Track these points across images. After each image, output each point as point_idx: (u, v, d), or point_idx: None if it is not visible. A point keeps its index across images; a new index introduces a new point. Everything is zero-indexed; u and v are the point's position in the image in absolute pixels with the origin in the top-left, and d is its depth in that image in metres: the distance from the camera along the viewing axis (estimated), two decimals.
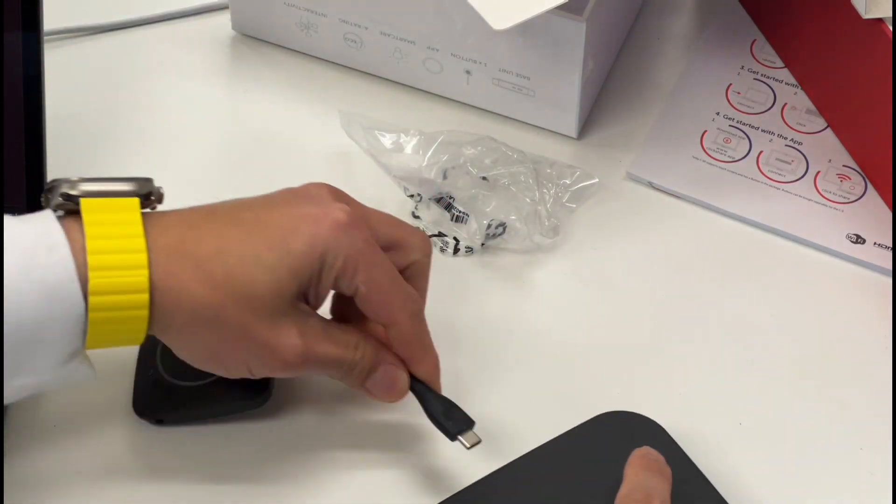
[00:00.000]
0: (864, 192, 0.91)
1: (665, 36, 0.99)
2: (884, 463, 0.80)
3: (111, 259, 0.71)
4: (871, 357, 0.84)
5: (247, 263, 0.73)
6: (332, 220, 0.74)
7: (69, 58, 0.98)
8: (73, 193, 0.73)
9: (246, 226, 0.74)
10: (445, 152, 0.89)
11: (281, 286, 0.73)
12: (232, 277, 0.72)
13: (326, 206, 0.75)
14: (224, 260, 0.72)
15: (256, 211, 0.75)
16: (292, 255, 0.73)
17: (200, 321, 0.73)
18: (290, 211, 0.75)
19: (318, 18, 0.95)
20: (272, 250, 0.73)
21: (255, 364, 0.75)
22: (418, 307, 0.78)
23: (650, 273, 0.88)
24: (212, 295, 0.72)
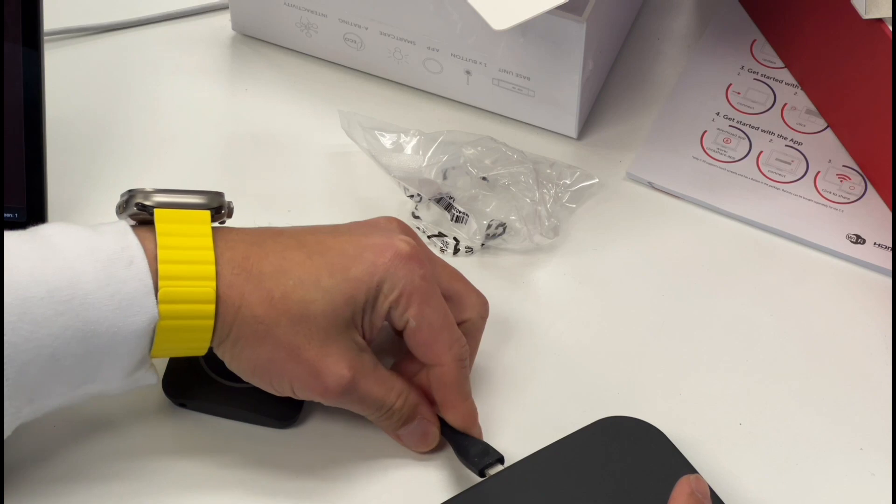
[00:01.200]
0: (864, 192, 0.91)
1: (665, 36, 0.99)
2: (884, 463, 0.80)
3: (181, 269, 0.73)
4: (871, 357, 0.84)
5: (305, 285, 0.74)
6: (394, 251, 0.75)
7: (69, 58, 0.98)
8: (148, 204, 0.75)
9: (309, 249, 0.75)
10: (445, 152, 0.89)
11: (336, 311, 0.74)
12: (288, 297, 0.74)
13: (391, 237, 0.76)
14: (283, 280, 0.74)
15: (322, 236, 0.76)
16: (349, 281, 0.75)
17: (254, 336, 0.74)
18: (355, 239, 0.76)
19: (318, 18, 0.95)
20: (331, 275, 0.74)
21: (299, 386, 0.76)
22: (465, 353, 0.78)
23: (650, 273, 0.88)
24: (268, 312, 0.74)
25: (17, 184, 0.86)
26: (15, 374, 0.71)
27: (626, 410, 0.80)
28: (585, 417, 0.79)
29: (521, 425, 0.81)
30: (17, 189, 0.86)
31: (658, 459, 0.77)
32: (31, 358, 0.71)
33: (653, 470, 0.77)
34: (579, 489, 0.76)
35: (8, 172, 0.85)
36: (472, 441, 0.79)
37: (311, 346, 0.74)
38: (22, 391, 0.72)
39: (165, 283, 0.72)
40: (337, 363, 0.75)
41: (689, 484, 0.72)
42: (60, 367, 0.72)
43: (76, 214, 0.89)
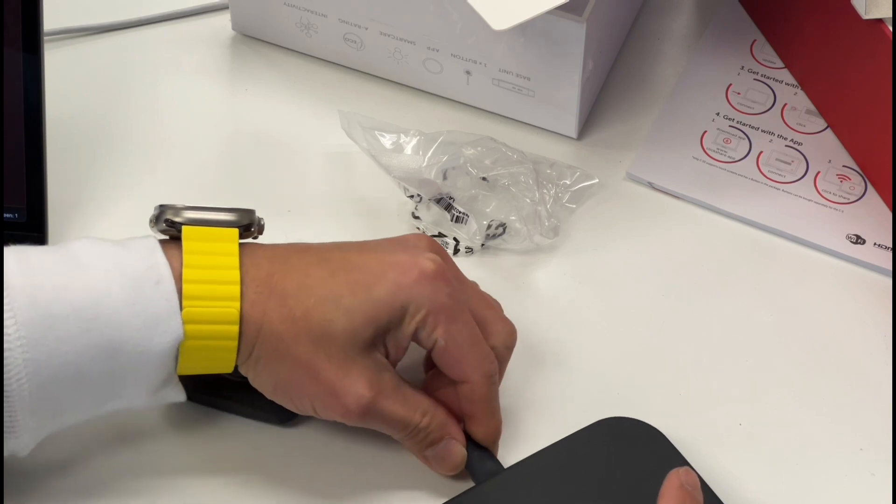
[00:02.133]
0: (864, 192, 0.91)
1: (665, 36, 0.99)
2: (884, 463, 0.80)
3: (206, 289, 0.73)
4: (871, 357, 0.84)
5: (326, 303, 0.74)
6: (419, 271, 0.75)
7: (69, 58, 0.98)
8: (177, 220, 0.75)
9: (333, 266, 0.75)
10: (445, 153, 0.89)
11: (356, 331, 0.74)
12: (310, 316, 0.74)
13: (418, 256, 0.76)
14: (305, 298, 0.74)
15: (347, 253, 0.76)
16: (372, 301, 0.74)
17: (275, 354, 0.74)
18: (380, 257, 0.76)
19: (318, 18, 0.95)
20: (354, 294, 0.74)
21: (320, 405, 0.75)
22: (494, 369, 0.77)
23: (650, 273, 0.88)
24: (289, 330, 0.73)
25: (17, 184, 0.86)
26: (39, 390, 0.71)
27: (626, 411, 0.80)
28: (585, 418, 0.79)
29: (521, 425, 0.81)
30: (17, 189, 0.86)
31: (658, 460, 0.77)
32: (55, 374, 0.71)
33: (653, 470, 0.77)
34: (579, 490, 0.76)
35: (8, 172, 0.85)
36: (477, 449, 0.78)
37: (331, 365, 0.74)
38: (46, 406, 0.71)
39: (190, 304, 0.72)
40: (356, 383, 0.74)
41: (679, 477, 0.72)
42: (85, 383, 0.72)
43: (76, 214, 0.89)
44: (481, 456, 0.78)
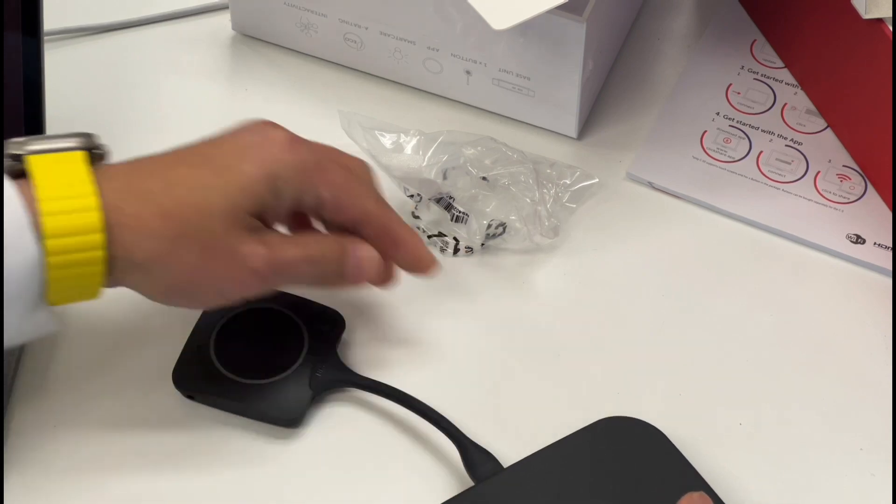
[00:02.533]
0: (864, 192, 0.91)
1: (665, 36, 0.99)
2: (884, 463, 0.80)
3: (62, 204, 0.71)
4: (871, 357, 0.84)
5: (197, 190, 0.74)
6: (275, 143, 0.76)
7: (69, 58, 0.98)
8: (20, 153, 0.74)
9: (192, 161, 0.76)
10: (445, 152, 0.89)
11: (235, 203, 0.74)
12: (184, 205, 0.74)
13: (267, 133, 0.77)
14: (174, 192, 0.74)
15: (200, 147, 0.77)
16: (243, 174, 0.75)
17: (159, 253, 0.73)
18: (234, 142, 0.77)
19: (318, 18, 0.95)
20: (220, 176, 0.75)
21: (226, 282, 0.75)
22: (379, 193, 0.79)
23: (650, 273, 0.88)
24: (167, 224, 0.73)
25: None
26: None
27: (626, 410, 0.80)
28: (585, 417, 0.79)
29: (521, 425, 0.81)
30: None
31: (659, 460, 0.77)
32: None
33: (653, 470, 0.77)
34: (578, 490, 0.76)
35: None
36: (476, 449, 0.78)
37: (220, 240, 0.74)
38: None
39: (49, 219, 0.71)
40: (251, 244, 0.75)
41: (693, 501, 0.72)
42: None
43: None
44: (481, 456, 0.78)
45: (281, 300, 0.83)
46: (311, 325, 0.83)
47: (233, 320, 0.83)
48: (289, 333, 0.83)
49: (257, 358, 0.82)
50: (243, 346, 0.82)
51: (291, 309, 0.83)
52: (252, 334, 0.83)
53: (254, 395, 0.80)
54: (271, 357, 0.82)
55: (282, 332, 0.83)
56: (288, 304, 0.83)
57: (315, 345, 0.82)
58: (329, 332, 0.83)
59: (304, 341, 0.82)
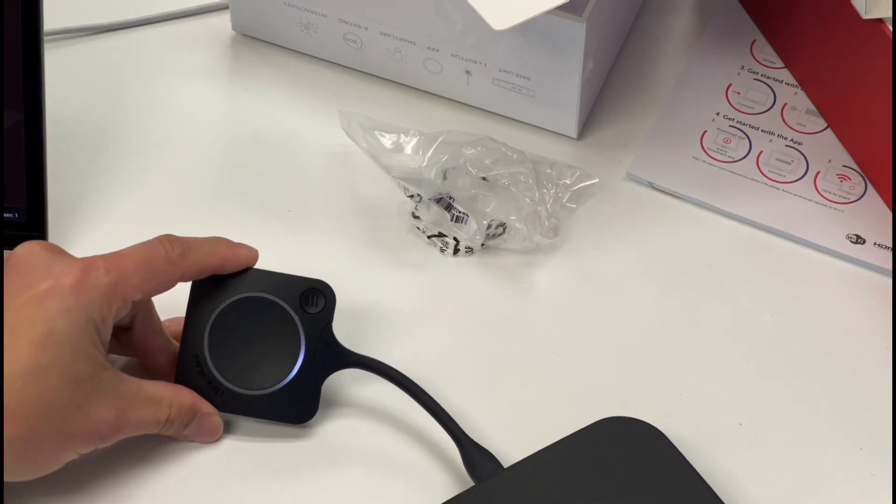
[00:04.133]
0: (864, 192, 0.91)
1: (665, 36, 0.99)
2: (884, 463, 0.80)
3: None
4: (871, 357, 0.84)
5: (30, 377, 0.72)
6: (64, 287, 0.73)
7: (69, 58, 0.98)
8: None
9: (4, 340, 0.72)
10: (445, 152, 0.89)
11: (74, 372, 0.73)
12: (26, 399, 0.72)
13: (55, 275, 0.74)
14: (11, 387, 0.72)
15: None
16: (65, 340, 0.73)
17: (20, 453, 0.73)
18: (29, 298, 0.73)
19: (318, 18, 0.95)
20: (44, 348, 0.72)
21: (81, 448, 0.75)
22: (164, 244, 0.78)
23: (650, 273, 0.88)
24: (18, 425, 0.72)
25: (17, 184, 0.86)
26: None
27: (626, 410, 0.80)
28: (585, 417, 0.79)
29: (520, 425, 0.81)
30: (17, 189, 0.86)
31: (658, 460, 0.77)
32: None
33: (653, 471, 0.77)
34: (579, 490, 0.76)
35: (8, 172, 0.85)
36: (477, 448, 0.78)
37: (72, 420, 0.73)
38: None
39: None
40: (99, 412, 0.74)
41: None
42: None
43: (76, 214, 0.89)
44: (482, 456, 0.78)
45: (260, 283, 0.81)
46: (301, 310, 0.81)
47: (220, 319, 0.80)
48: (281, 324, 0.80)
49: (257, 362, 0.80)
50: (239, 349, 0.80)
51: (276, 294, 0.81)
52: (244, 334, 0.80)
53: (259, 403, 0.80)
54: (271, 358, 0.80)
55: (273, 324, 0.80)
56: (270, 288, 0.81)
57: (310, 331, 0.80)
58: (320, 311, 0.81)
59: (298, 331, 0.80)
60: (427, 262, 0.88)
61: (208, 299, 0.80)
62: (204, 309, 0.80)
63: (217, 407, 0.80)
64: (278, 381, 0.80)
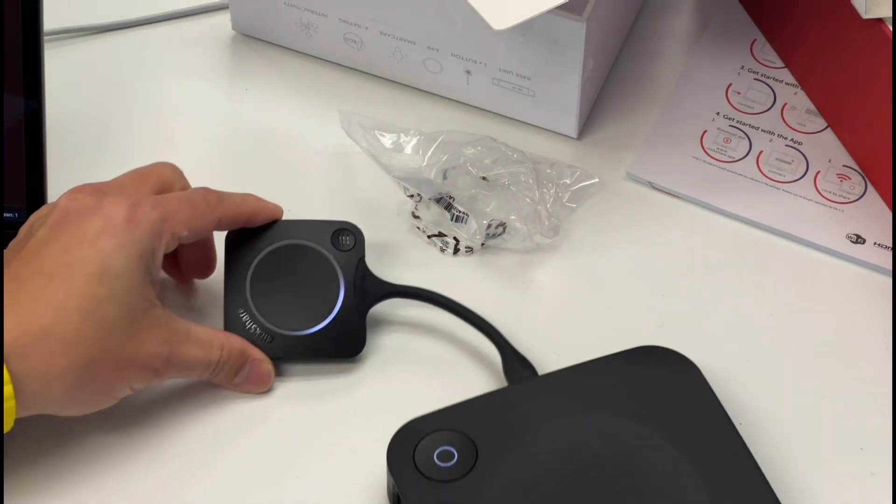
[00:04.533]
0: (864, 192, 0.91)
1: (665, 36, 0.99)
2: (884, 463, 0.80)
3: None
4: (871, 357, 0.84)
5: (87, 310, 0.74)
6: (117, 224, 0.76)
7: (69, 58, 0.98)
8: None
9: (60, 274, 0.75)
10: (445, 152, 0.89)
11: (128, 305, 0.75)
12: (82, 330, 0.74)
13: (102, 212, 0.76)
14: (68, 320, 0.74)
15: (53, 253, 0.76)
16: (120, 275, 0.75)
17: (78, 383, 0.74)
18: (81, 237, 0.76)
19: (318, 18, 0.95)
20: (100, 284, 0.75)
21: (135, 382, 0.77)
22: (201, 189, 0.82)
23: (650, 273, 0.88)
24: (74, 356, 0.74)
25: (17, 184, 0.86)
26: None
27: None
28: None
29: None
30: (17, 189, 0.86)
31: (688, 391, 0.78)
32: None
33: (681, 400, 0.78)
34: (604, 405, 0.78)
35: (8, 172, 0.85)
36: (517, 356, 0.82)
37: (127, 347, 0.75)
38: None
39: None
40: (151, 345, 0.76)
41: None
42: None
43: None
44: (520, 363, 0.81)
45: (290, 231, 0.84)
46: (334, 249, 0.84)
47: (258, 270, 0.83)
48: (318, 265, 0.83)
49: (300, 304, 0.82)
50: (281, 294, 0.83)
51: (307, 238, 0.84)
52: (284, 279, 0.83)
53: (308, 344, 0.82)
54: (313, 298, 0.83)
55: (310, 266, 0.83)
56: (301, 234, 0.84)
57: (346, 267, 0.83)
58: (352, 248, 0.84)
59: (335, 268, 0.83)
60: (427, 261, 0.88)
61: (243, 253, 0.83)
62: (241, 262, 0.83)
63: (268, 354, 0.81)
64: (324, 318, 0.82)
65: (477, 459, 0.76)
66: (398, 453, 0.76)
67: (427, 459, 0.76)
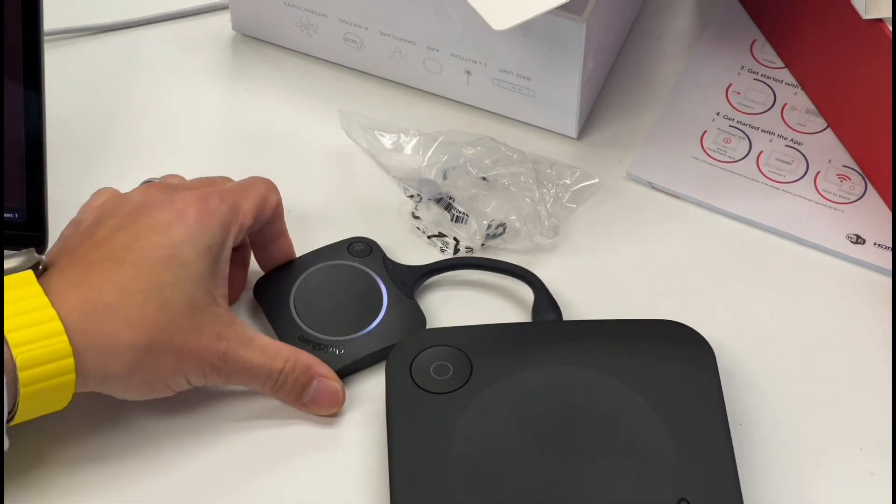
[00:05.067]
0: (864, 192, 0.91)
1: (665, 36, 0.99)
2: (884, 463, 0.80)
3: (29, 333, 0.72)
4: (871, 357, 0.84)
5: (153, 292, 0.75)
6: (188, 214, 0.78)
7: (69, 58, 0.98)
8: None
9: (129, 260, 0.76)
10: (445, 152, 0.89)
11: (192, 294, 0.76)
12: (146, 311, 0.75)
13: (175, 204, 0.78)
14: (133, 300, 0.75)
15: (123, 240, 0.77)
16: (188, 262, 0.77)
17: (137, 362, 0.75)
18: (153, 226, 0.77)
19: (318, 18, 0.95)
20: (167, 269, 0.76)
21: (192, 375, 0.77)
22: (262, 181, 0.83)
23: (650, 273, 0.88)
24: (137, 335, 0.75)
25: (17, 184, 0.86)
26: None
27: None
28: None
29: None
30: (17, 189, 0.86)
31: (692, 370, 0.79)
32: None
33: (682, 376, 0.79)
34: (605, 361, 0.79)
35: (8, 172, 0.85)
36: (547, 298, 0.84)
37: (187, 337, 0.76)
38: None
39: (19, 350, 0.72)
40: (209, 339, 0.77)
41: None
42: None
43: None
44: (548, 304, 0.84)
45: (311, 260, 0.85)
46: (357, 258, 0.86)
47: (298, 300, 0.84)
48: (350, 274, 0.85)
49: (351, 310, 0.84)
50: (330, 311, 0.84)
51: (329, 259, 0.85)
52: (326, 299, 0.84)
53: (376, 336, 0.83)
54: (360, 301, 0.84)
55: (344, 278, 0.85)
56: (322, 259, 0.86)
57: (375, 267, 0.85)
58: (370, 252, 0.86)
59: (366, 271, 0.85)
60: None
61: (277, 294, 0.85)
62: (279, 301, 0.84)
63: (342, 362, 0.82)
64: (378, 311, 0.84)
65: (468, 380, 0.78)
66: (398, 358, 0.79)
67: (423, 368, 0.79)
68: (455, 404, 0.77)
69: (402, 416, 0.77)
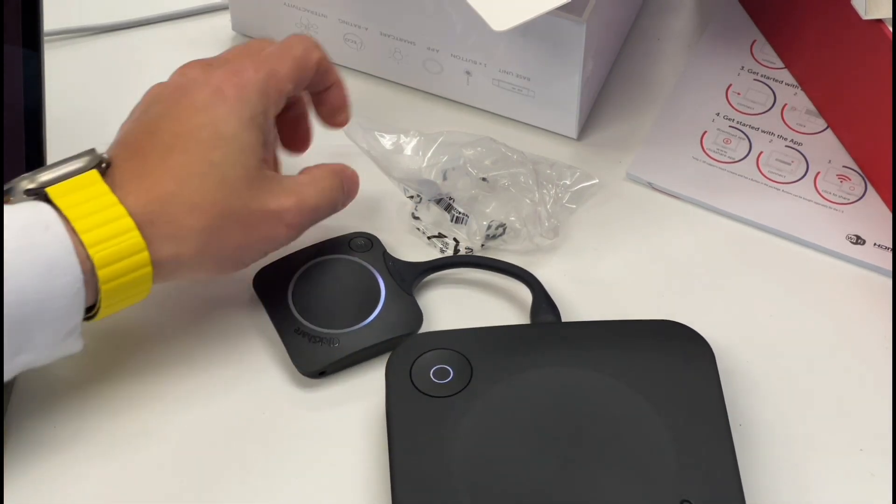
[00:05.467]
0: (864, 192, 0.91)
1: (665, 36, 0.99)
2: (884, 463, 0.80)
3: (102, 232, 0.74)
4: (871, 357, 0.84)
5: (208, 174, 0.77)
6: (225, 91, 0.79)
7: (69, 58, 0.98)
8: (34, 187, 0.76)
9: (177, 145, 0.77)
10: (445, 153, 0.89)
11: (246, 166, 0.78)
12: (206, 192, 0.77)
13: (210, 83, 0.79)
14: (190, 185, 0.77)
15: (168, 125, 0.78)
16: (234, 138, 0.78)
17: (206, 244, 0.77)
18: (193, 109, 0.79)
19: (317, 19, 0.95)
20: (217, 148, 0.78)
21: (268, 242, 0.80)
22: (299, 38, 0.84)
23: (650, 273, 0.88)
24: (201, 217, 0.76)
25: None
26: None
27: None
28: None
29: None
30: None
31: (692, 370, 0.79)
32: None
33: (682, 376, 0.79)
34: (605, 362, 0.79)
35: (8, 172, 0.85)
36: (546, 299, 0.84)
37: (252, 210, 0.78)
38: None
39: (95, 249, 0.74)
40: (278, 200, 0.79)
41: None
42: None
43: None
44: (546, 305, 0.84)
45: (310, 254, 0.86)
46: (357, 253, 0.86)
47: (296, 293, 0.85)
48: (349, 269, 0.86)
49: (349, 304, 0.84)
50: (328, 305, 0.84)
51: (329, 253, 0.86)
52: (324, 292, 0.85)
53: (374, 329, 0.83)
54: (358, 296, 0.85)
55: (343, 273, 0.86)
56: (321, 253, 0.86)
57: (374, 261, 0.86)
58: (371, 247, 0.87)
59: (364, 265, 0.86)
60: None
61: (275, 287, 0.85)
62: (277, 294, 0.85)
63: (336, 355, 0.82)
64: (375, 305, 0.84)
65: (469, 383, 0.78)
66: (398, 362, 0.79)
67: (423, 372, 0.79)
68: (456, 408, 0.77)
69: (402, 420, 0.77)
